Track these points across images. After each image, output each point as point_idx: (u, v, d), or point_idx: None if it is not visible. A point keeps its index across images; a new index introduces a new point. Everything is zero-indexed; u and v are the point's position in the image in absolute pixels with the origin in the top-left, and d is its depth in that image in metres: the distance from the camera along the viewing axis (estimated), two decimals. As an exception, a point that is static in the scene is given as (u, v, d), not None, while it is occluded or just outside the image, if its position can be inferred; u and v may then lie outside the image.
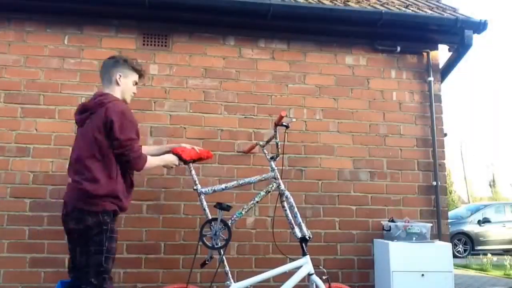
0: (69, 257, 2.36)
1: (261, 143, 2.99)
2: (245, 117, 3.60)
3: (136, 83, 2.58)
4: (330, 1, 3.83)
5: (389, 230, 3.34)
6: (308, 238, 2.58)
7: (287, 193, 2.73)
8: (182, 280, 3.08)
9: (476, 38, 4.55)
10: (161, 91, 3.53)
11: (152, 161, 2.46)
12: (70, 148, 3.25)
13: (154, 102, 3.51)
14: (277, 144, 2.73)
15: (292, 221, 2.71)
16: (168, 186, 3.37)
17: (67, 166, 3.22)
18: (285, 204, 2.75)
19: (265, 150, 2.89)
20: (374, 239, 3.54)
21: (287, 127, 2.66)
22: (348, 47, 3.86)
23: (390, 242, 3.24)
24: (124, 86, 2.48)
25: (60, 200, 3.21)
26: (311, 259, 2.60)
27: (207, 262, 2.63)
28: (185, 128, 3.50)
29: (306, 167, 3.60)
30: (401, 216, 3.57)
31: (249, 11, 3.49)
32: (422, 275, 3.17)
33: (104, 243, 2.20)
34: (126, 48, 3.55)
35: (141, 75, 2.59)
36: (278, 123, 2.64)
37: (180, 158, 2.70)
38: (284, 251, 3.13)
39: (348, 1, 3.90)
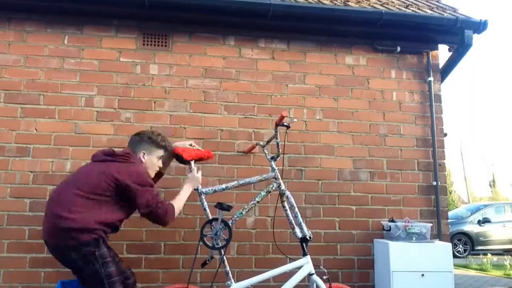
0: None
1: (261, 143, 2.99)
2: (245, 117, 3.60)
3: (161, 157, 2.64)
4: (330, 1, 3.82)
5: (389, 230, 3.34)
6: (308, 238, 2.58)
7: (287, 193, 2.73)
8: (182, 280, 3.09)
9: (476, 38, 4.56)
10: (161, 91, 3.53)
11: (179, 204, 2.51)
12: (70, 148, 3.31)
13: (154, 102, 3.51)
14: (277, 144, 2.73)
15: (293, 221, 2.71)
16: (168, 186, 3.36)
17: (67, 166, 3.28)
18: (286, 204, 2.75)
19: (265, 150, 2.89)
20: (374, 239, 3.54)
21: (288, 127, 2.66)
22: (348, 47, 3.86)
23: (390, 242, 3.24)
24: (148, 162, 2.56)
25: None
26: (311, 259, 2.60)
27: (207, 262, 2.63)
28: (185, 128, 3.50)
29: (306, 167, 3.60)
30: (401, 216, 3.57)
31: (249, 11, 3.49)
32: (422, 275, 3.17)
33: (101, 272, 2.19)
34: (126, 48, 3.55)
35: (166, 150, 2.65)
36: (279, 123, 2.64)
37: (181, 158, 2.71)
38: (284, 251, 3.14)
39: (348, 1, 3.90)
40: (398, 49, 3.86)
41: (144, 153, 2.55)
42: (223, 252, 2.59)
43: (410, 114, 3.83)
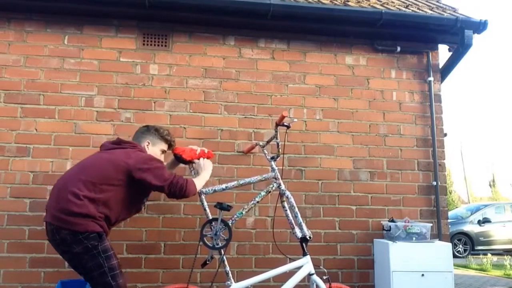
0: None
1: (261, 143, 2.99)
2: (245, 117, 3.60)
3: (164, 152, 2.69)
4: (330, 1, 3.82)
5: (389, 230, 3.34)
6: (308, 238, 2.58)
7: (287, 193, 2.72)
8: (182, 280, 3.09)
9: (476, 38, 4.55)
10: (161, 91, 3.53)
11: (200, 183, 2.56)
12: (70, 148, 3.31)
13: (154, 102, 3.51)
14: (278, 144, 2.73)
15: (293, 221, 2.71)
16: (168, 186, 3.36)
17: (67, 166, 3.28)
18: (286, 204, 2.74)
19: (265, 150, 2.89)
20: (374, 239, 3.54)
21: (288, 127, 2.66)
22: (348, 47, 3.86)
23: (390, 242, 3.24)
24: (151, 153, 2.58)
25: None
26: (311, 259, 2.60)
27: (207, 262, 2.63)
28: (185, 128, 3.50)
29: (306, 167, 3.60)
30: (401, 216, 3.57)
31: (249, 11, 3.49)
32: (422, 275, 3.17)
33: (104, 265, 2.22)
34: (126, 48, 3.55)
35: (170, 145, 2.71)
36: (279, 123, 2.64)
37: (180, 158, 2.71)
38: (284, 251, 3.14)
39: (348, 1, 3.89)
40: (398, 49, 3.86)
41: (148, 143, 2.61)
42: (223, 252, 2.59)
43: (410, 114, 3.83)
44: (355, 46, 3.87)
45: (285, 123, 2.64)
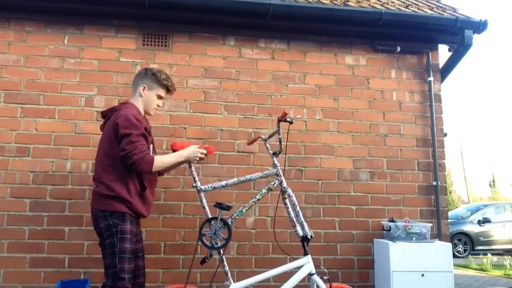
0: None
1: (263, 136, 2.96)
2: (245, 117, 3.60)
3: (161, 97, 2.61)
4: (330, 1, 3.82)
5: (389, 230, 3.34)
6: (309, 238, 2.57)
7: (289, 190, 2.69)
8: (182, 280, 3.09)
9: (476, 38, 4.55)
10: (161, 91, 3.52)
11: (164, 160, 2.42)
12: (70, 148, 3.32)
13: (154, 102, 3.50)
14: (280, 140, 2.70)
15: (294, 220, 2.69)
16: (168, 186, 3.37)
17: (67, 166, 3.30)
18: (287, 201, 2.72)
19: (267, 145, 2.87)
20: (374, 239, 3.54)
21: (291, 122, 2.64)
22: (348, 47, 3.86)
23: (390, 242, 3.24)
24: (147, 98, 2.54)
25: (60, 200, 3.24)
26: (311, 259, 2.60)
27: (206, 260, 2.61)
28: (185, 128, 3.50)
29: (306, 167, 3.60)
30: (401, 216, 3.57)
31: (249, 11, 3.49)
32: (422, 275, 3.17)
33: (116, 245, 2.26)
34: (126, 48, 3.55)
35: (168, 90, 2.61)
36: (281, 119, 2.62)
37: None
38: (284, 251, 3.13)
39: (348, 1, 3.89)
40: (398, 49, 3.86)
41: (144, 87, 2.53)
42: (222, 252, 2.58)
43: (410, 114, 3.83)
44: (355, 46, 3.87)
45: (287, 119, 2.62)
